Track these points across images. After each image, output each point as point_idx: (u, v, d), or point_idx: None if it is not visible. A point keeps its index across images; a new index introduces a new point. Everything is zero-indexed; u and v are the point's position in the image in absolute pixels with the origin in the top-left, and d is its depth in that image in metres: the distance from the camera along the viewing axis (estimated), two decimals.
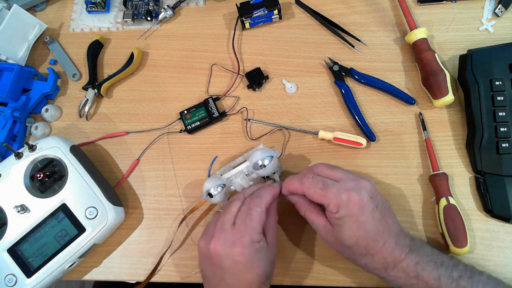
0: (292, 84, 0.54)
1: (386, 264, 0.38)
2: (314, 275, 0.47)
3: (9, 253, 0.45)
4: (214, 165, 0.52)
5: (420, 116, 0.50)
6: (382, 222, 0.38)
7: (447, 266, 0.37)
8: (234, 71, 0.56)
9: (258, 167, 0.45)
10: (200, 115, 0.53)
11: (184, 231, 0.50)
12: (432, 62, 0.49)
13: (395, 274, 0.38)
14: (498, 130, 0.46)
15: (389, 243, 0.38)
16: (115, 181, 0.53)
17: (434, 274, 0.37)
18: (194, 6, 0.61)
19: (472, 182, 0.48)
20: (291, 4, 0.59)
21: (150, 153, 0.54)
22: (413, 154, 0.50)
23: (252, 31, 0.58)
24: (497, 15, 0.54)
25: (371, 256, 0.38)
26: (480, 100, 0.47)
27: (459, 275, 0.37)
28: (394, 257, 0.38)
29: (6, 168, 0.48)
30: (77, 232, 0.46)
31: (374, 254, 0.38)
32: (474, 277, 0.37)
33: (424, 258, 0.38)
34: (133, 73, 0.58)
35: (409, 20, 0.53)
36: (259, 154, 0.45)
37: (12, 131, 0.55)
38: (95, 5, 0.61)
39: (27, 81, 0.57)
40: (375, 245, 0.38)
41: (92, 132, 0.56)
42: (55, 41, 0.61)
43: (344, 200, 0.38)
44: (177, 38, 0.60)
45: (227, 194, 0.47)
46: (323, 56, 0.55)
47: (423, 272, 0.37)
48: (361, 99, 0.53)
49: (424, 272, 0.37)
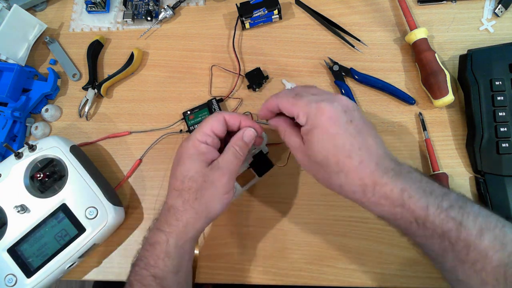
0: (292, 84, 0.54)
1: (364, 187, 0.34)
2: (314, 275, 0.47)
3: (9, 253, 0.45)
4: None
5: (420, 116, 0.50)
6: (358, 139, 0.34)
7: (437, 195, 0.33)
8: (234, 71, 0.56)
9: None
10: (204, 116, 0.53)
11: None
12: (432, 62, 0.49)
13: (377, 201, 0.34)
14: (498, 130, 0.46)
15: (366, 163, 0.34)
16: (115, 181, 0.53)
17: (422, 203, 0.32)
18: (194, 6, 0.61)
19: (472, 182, 0.48)
20: (291, 4, 0.59)
21: (151, 153, 0.54)
22: (413, 154, 0.50)
23: (252, 31, 0.58)
24: (497, 15, 0.54)
25: (345, 175, 0.34)
26: (480, 100, 0.47)
27: (450, 205, 0.32)
28: (374, 179, 0.33)
29: (6, 168, 0.48)
30: (77, 232, 0.46)
31: (348, 171, 0.34)
32: (465, 208, 0.32)
33: (411, 185, 0.33)
34: (133, 73, 0.58)
35: (409, 20, 0.53)
36: None
37: (12, 131, 0.55)
38: (95, 5, 0.61)
39: (27, 81, 0.57)
40: (349, 162, 0.34)
41: (92, 132, 0.56)
42: (55, 41, 0.61)
43: (313, 109, 0.35)
44: (177, 38, 0.60)
45: None
46: (323, 56, 0.55)
47: (409, 201, 0.32)
48: (361, 99, 0.53)
49: (410, 201, 0.32)
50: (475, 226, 0.31)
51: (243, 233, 0.49)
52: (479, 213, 0.32)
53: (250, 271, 0.48)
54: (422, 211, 0.32)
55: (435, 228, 0.32)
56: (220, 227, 0.50)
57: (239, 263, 0.48)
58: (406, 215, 0.33)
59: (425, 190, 0.33)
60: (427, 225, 0.32)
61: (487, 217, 0.32)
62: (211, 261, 0.48)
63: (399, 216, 0.33)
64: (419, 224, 0.33)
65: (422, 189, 0.33)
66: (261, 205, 0.50)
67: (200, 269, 0.48)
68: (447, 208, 0.32)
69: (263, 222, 0.49)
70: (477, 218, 0.32)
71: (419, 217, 0.32)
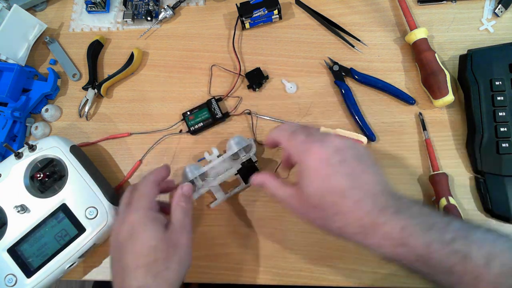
0: (292, 84, 0.54)
1: (364, 228, 0.32)
2: (314, 275, 0.47)
3: (9, 253, 0.45)
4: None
5: (420, 116, 0.50)
6: (353, 177, 0.33)
7: (439, 228, 0.31)
8: (234, 71, 0.56)
9: (230, 147, 0.48)
10: (204, 116, 0.53)
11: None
12: (432, 62, 0.49)
13: (378, 242, 0.32)
14: (498, 130, 0.46)
15: (363, 202, 0.32)
16: (116, 181, 0.53)
17: (423, 239, 0.31)
18: (194, 6, 0.61)
19: (472, 182, 0.48)
20: (291, 4, 0.59)
21: (151, 153, 0.54)
22: (413, 154, 0.50)
23: (252, 31, 0.58)
24: (497, 15, 0.54)
25: (343, 216, 0.33)
26: (480, 100, 0.47)
27: (452, 237, 0.31)
28: (373, 219, 0.32)
29: (6, 168, 0.48)
30: (77, 232, 0.46)
31: (345, 213, 0.33)
32: (469, 237, 0.31)
33: (411, 221, 0.32)
34: (133, 73, 0.58)
35: (409, 20, 0.53)
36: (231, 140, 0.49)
37: (12, 131, 0.55)
38: (95, 5, 0.61)
39: (27, 81, 0.57)
40: (344, 202, 0.33)
41: (92, 132, 0.56)
42: (55, 41, 0.61)
43: (304, 150, 0.35)
44: (177, 38, 0.60)
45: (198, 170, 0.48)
46: (323, 56, 0.55)
47: (410, 238, 0.31)
48: (361, 99, 0.53)
49: (411, 238, 0.31)
50: (481, 255, 0.30)
51: (243, 233, 0.49)
52: (484, 239, 0.31)
53: (250, 271, 0.48)
54: (425, 248, 0.31)
55: (440, 264, 0.31)
56: (220, 227, 0.50)
57: (239, 263, 0.48)
58: (409, 254, 0.32)
59: (426, 224, 0.32)
60: (432, 262, 0.31)
61: (493, 241, 0.31)
62: (211, 261, 0.48)
63: (402, 256, 0.32)
64: (423, 262, 0.31)
65: (423, 224, 0.32)
66: (261, 205, 0.50)
67: (200, 269, 0.48)
68: (450, 242, 0.31)
69: (263, 222, 0.49)
70: (482, 246, 0.30)
71: (422, 255, 0.31)
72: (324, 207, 0.34)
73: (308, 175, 0.34)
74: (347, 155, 0.34)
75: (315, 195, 0.34)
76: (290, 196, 0.37)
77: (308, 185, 0.34)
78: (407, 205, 0.33)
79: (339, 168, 0.34)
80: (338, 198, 0.33)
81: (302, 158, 0.35)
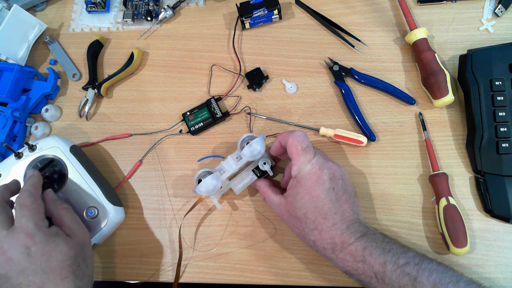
0: (292, 84, 0.54)
1: (334, 245, 0.39)
2: (314, 275, 0.47)
3: None
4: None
5: (420, 116, 0.50)
6: (336, 205, 0.40)
7: (395, 253, 0.37)
8: (234, 71, 0.56)
9: (245, 145, 0.46)
10: (203, 115, 0.53)
11: (185, 231, 0.50)
12: (432, 62, 0.49)
13: (343, 257, 0.39)
14: (498, 130, 0.46)
15: (338, 226, 0.39)
16: (116, 181, 0.53)
17: (380, 259, 0.37)
18: (194, 6, 0.61)
19: (472, 182, 0.48)
20: (291, 4, 0.59)
21: (151, 153, 0.54)
22: (413, 154, 0.50)
23: (252, 31, 0.58)
24: (497, 15, 0.54)
25: (319, 233, 0.40)
26: (480, 100, 0.48)
27: (406, 262, 0.37)
28: (343, 239, 0.39)
29: (6, 168, 0.48)
30: None
31: (321, 230, 0.39)
32: (421, 264, 0.36)
33: (372, 243, 0.38)
34: (133, 73, 0.58)
35: (409, 20, 0.53)
36: (245, 136, 0.48)
37: (12, 131, 0.55)
38: (95, 5, 0.61)
39: (27, 81, 0.57)
40: (324, 223, 0.39)
41: (92, 132, 0.56)
42: (55, 41, 0.61)
43: (306, 169, 0.41)
44: (177, 38, 0.60)
45: (218, 180, 0.46)
46: (323, 56, 0.55)
47: (370, 257, 0.37)
48: (361, 99, 0.53)
49: (370, 257, 0.37)
50: (429, 281, 0.35)
51: (243, 233, 0.49)
52: (435, 269, 0.36)
53: (250, 271, 0.48)
54: (381, 267, 0.37)
55: (393, 283, 0.36)
56: (220, 227, 0.50)
57: (239, 263, 0.48)
58: (367, 270, 0.37)
59: (384, 248, 0.38)
60: (385, 280, 0.36)
61: (443, 273, 0.36)
62: (211, 261, 0.48)
63: (361, 271, 0.38)
64: (378, 279, 0.37)
65: (382, 248, 0.38)
66: (261, 205, 0.50)
67: (200, 269, 0.48)
68: (403, 265, 0.36)
69: (263, 222, 0.49)
70: (431, 275, 0.35)
71: (378, 272, 0.37)
72: (306, 221, 0.40)
73: (302, 191, 0.40)
74: (337, 184, 0.41)
75: (301, 209, 0.40)
76: (279, 204, 0.43)
77: (299, 199, 0.41)
78: (373, 233, 0.40)
79: (328, 193, 0.40)
80: (320, 217, 0.40)
81: (302, 174, 0.41)
